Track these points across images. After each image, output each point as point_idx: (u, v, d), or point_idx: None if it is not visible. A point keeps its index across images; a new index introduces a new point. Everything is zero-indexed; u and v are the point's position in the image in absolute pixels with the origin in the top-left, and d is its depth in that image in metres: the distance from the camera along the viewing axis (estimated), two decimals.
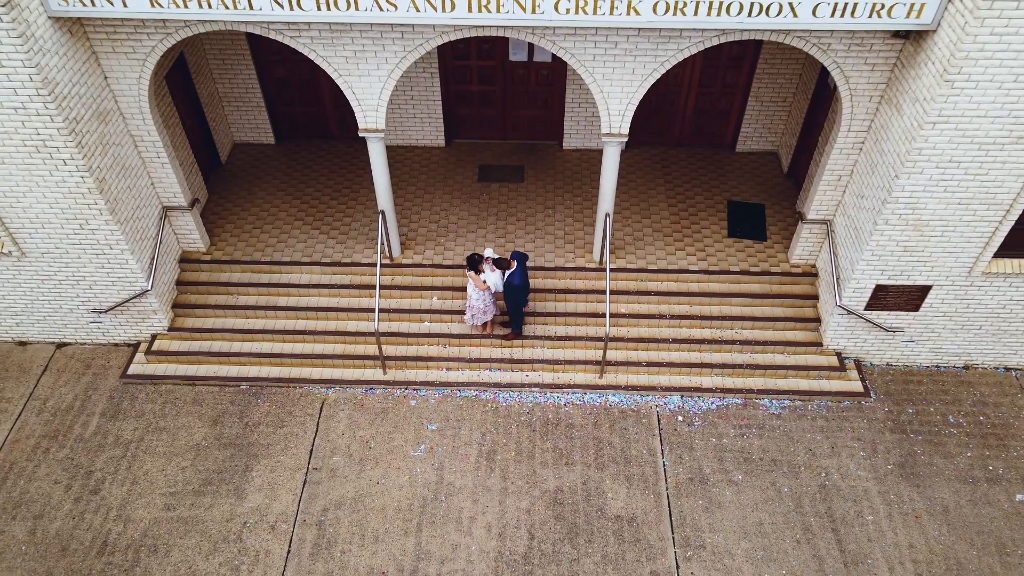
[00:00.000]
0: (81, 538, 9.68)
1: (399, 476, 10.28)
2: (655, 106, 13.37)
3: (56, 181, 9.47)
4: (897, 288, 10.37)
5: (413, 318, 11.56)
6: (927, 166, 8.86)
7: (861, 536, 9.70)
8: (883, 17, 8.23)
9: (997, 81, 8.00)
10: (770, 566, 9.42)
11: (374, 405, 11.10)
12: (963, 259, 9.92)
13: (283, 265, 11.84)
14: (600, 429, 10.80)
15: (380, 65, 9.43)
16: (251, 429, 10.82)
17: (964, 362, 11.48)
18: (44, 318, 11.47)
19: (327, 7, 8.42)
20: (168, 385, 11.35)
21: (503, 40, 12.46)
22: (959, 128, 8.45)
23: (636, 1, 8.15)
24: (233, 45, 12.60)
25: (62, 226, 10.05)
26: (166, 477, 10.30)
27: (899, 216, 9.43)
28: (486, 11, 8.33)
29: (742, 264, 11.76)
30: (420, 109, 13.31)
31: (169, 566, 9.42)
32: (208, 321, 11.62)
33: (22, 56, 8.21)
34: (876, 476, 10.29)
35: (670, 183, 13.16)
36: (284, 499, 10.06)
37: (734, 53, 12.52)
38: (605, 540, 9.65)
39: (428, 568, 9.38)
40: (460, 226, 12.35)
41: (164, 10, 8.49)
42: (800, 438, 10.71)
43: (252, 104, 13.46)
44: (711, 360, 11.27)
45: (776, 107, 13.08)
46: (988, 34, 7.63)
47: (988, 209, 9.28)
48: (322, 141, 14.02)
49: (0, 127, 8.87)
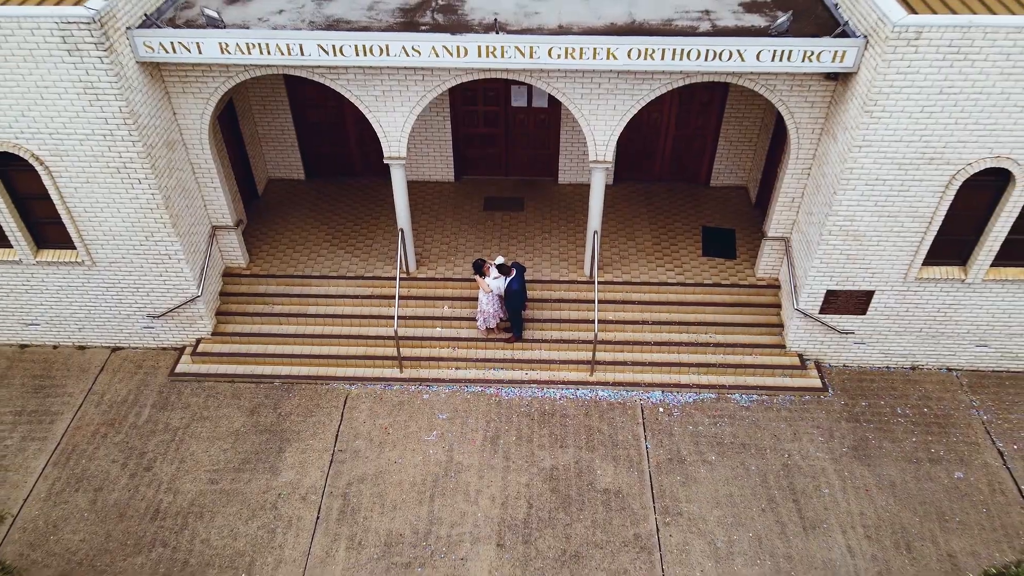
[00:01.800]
0: (136, 506, 11.08)
1: (414, 456, 11.73)
2: (638, 147, 15.30)
3: (130, 198, 11.27)
4: (845, 293, 12.03)
5: (427, 324, 13.19)
6: (858, 184, 10.65)
7: (818, 506, 11.08)
8: (815, 62, 10.18)
9: (907, 112, 9.86)
10: (739, 530, 10.78)
11: (392, 399, 12.61)
12: (898, 266, 11.62)
13: (313, 279, 13.55)
14: (591, 419, 12.29)
15: (404, 103, 11.35)
16: (283, 418, 12.31)
17: (911, 363, 13.03)
18: (103, 323, 13.09)
19: (363, 53, 10.38)
20: (211, 382, 12.90)
21: (505, 87, 14.48)
22: (880, 151, 10.28)
23: (614, 48, 10.11)
24: (274, 92, 14.62)
25: (130, 238, 11.80)
26: (210, 457, 11.75)
27: (840, 228, 11.18)
28: (492, 57, 10.28)
29: (715, 278, 13.45)
30: (433, 148, 15.25)
31: (214, 529, 10.79)
32: (247, 327, 13.25)
33: (115, 91, 10.12)
34: (832, 457, 11.73)
35: (652, 212, 14.98)
36: (313, 475, 11.48)
37: (704, 99, 14.52)
38: (595, 509, 11.04)
39: (440, 531, 10.75)
40: (468, 246, 14.09)
41: (231, 56, 10.45)
42: (766, 426, 12.18)
43: (287, 144, 15.42)
44: (688, 360, 12.84)
45: (743, 147, 15.02)
46: (895, 74, 9.53)
47: (913, 221, 11.03)
48: (346, 177, 15.92)
49: (90, 150, 10.72)
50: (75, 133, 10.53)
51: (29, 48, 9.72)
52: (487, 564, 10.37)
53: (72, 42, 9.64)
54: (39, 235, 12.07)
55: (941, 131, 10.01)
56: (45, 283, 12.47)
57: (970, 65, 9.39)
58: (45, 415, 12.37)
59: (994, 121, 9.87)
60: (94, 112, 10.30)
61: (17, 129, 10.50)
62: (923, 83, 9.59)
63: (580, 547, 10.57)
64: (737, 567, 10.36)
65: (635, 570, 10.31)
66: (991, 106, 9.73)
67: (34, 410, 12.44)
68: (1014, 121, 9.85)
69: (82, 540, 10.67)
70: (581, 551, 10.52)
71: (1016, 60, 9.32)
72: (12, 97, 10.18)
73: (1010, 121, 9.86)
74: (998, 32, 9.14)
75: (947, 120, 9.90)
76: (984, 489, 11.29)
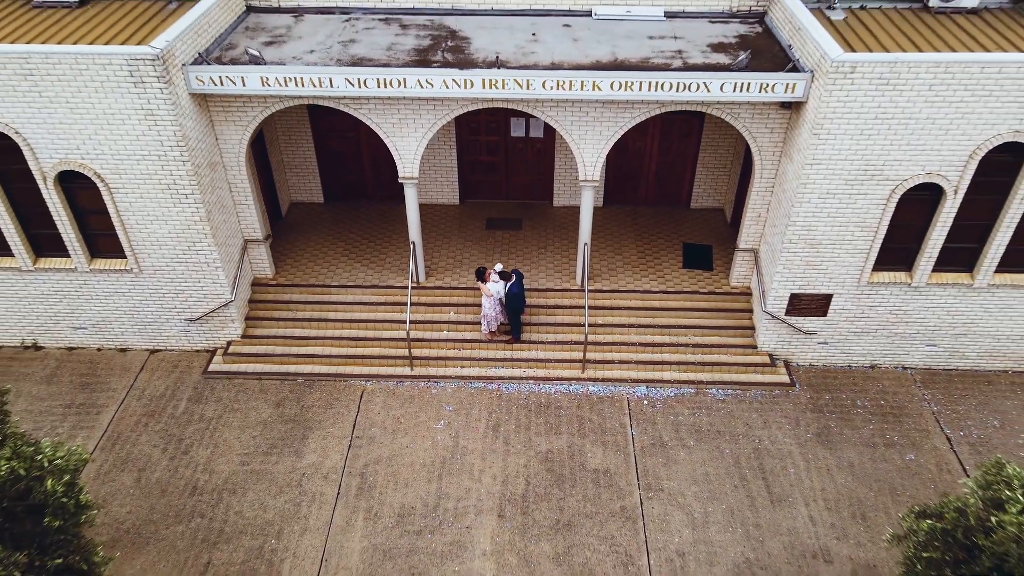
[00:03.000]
0: (176, 484, 12.41)
1: (424, 442, 13.10)
2: (625, 173, 17.00)
3: (177, 211, 12.88)
4: (807, 296, 13.57)
5: (435, 327, 14.68)
6: (812, 197, 12.27)
7: (785, 483, 12.43)
8: (770, 92, 11.90)
9: (849, 134, 11.54)
10: (713, 503, 12.11)
11: (403, 393, 14.03)
12: (852, 271, 13.17)
13: (332, 288, 15.08)
14: (582, 410, 13.69)
15: (417, 129, 13.05)
16: (306, 410, 13.71)
17: (870, 362, 14.48)
18: (144, 327, 14.57)
19: (383, 85, 12.10)
20: (240, 379, 14.32)
21: (505, 119, 16.23)
22: (829, 168, 11.93)
23: (599, 81, 11.84)
24: (298, 124, 16.37)
25: (174, 247, 13.37)
26: (240, 443, 13.12)
27: (799, 236, 12.77)
28: (494, 88, 12.01)
29: (693, 287, 15.00)
30: (441, 174, 16.94)
31: (246, 503, 12.12)
32: (273, 330, 14.73)
33: (171, 118, 11.81)
34: (798, 442, 13.11)
35: (638, 231, 16.59)
36: (333, 458, 12.84)
37: (683, 130, 16.27)
38: (585, 485, 12.38)
39: (447, 504, 12.08)
40: (472, 260, 15.66)
41: (270, 88, 12.17)
42: (740, 416, 13.58)
43: (309, 171, 17.12)
44: (670, 359, 14.29)
45: (719, 172, 16.72)
46: (836, 102, 11.24)
47: (862, 230, 12.63)
48: (361, 201, 17.58)
49: (145, 169, 12.37)
50: (134, 154, 12.19)
51: (100, 80, 11.43)
52: (489, 531, 11.68)
53: (138, 75, 11.35)
54: (93, 246, 13.64)
55: (879, 151, 11.67)
56: (96, 289, 13.99)
57: (899, 94, 11.10)
58: (92, 407, 13.77)
59: (923, 142, 11.55)
60: (152, 136, 11.98)
61: (84, 150, 12.16)
62: (860, 109, 11.29)
63: (572, 517, 11.89)
64: (711, 534, 11.67)
65: (621, 536, 11.61)
66: (920, 129, 11.42)
67: (82, 403, 13.84)
68: (940, 142, 11.53)
69: (128, 512, 11.98)
70: (573, 520, 11.84)
71: (937, 90, 11.03)
72: (81, 122, 11.86)
73: (937, 142, 11.53)
74: (920, 66, 10.87)
75: (883, 141, 11.57)
76: (932, 469, 12.65)
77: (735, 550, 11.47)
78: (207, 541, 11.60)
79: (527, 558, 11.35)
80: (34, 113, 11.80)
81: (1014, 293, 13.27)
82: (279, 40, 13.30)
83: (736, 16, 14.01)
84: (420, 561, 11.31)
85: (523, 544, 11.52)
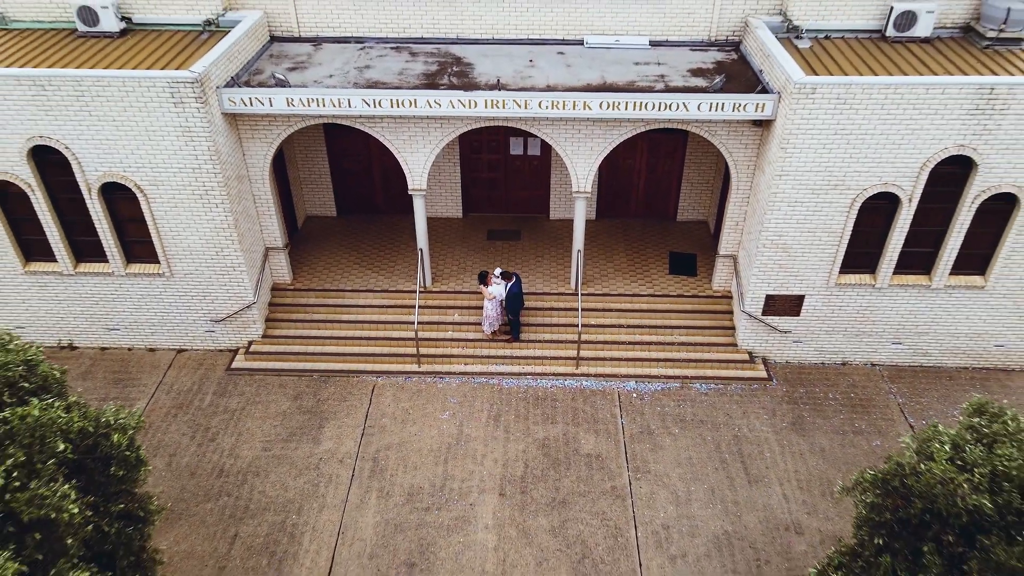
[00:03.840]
0: (204, 467, 13.56)
1: (430, 430, 14.27)
2: (616, 189, 18.37)
3: (208, 219, 14.19)
4: (781, 297, 14.84)
5: (440, 328, 15.92)
6: (782, 205, 13.61)
7: (761, 465, 13.59)
8: (742, 111, 13.30)
9: (812, 148, 12.92)
10: (695, 483, 13.26)
11: (411, 388, 15.22)
12: (821, 273, 14.47)
13: (345, 292, 16.35)
14: (576, 402, 14.88)
15: (425, 145, 14.43)
16: (322, 403, 14.89)
17: (841, 359, 15.71)
18: (172, 328, 15.79)
19: (396, 106, 13.50)
20: (261, 375, 15.52)
21: (505, 138, 17.63)
22: (796, 179, 13.28)
23: (589, 101, 13.25)
24: (314, 144, 17.77)
25: (204, 252, 14.66)
26: (262, 431, 14.28)
27: (771, 241, 14.08)
28: (495, 108, 13.40)
29: (679, 291, 16.28)
30: (446, 190, 18.31)
31: (268, 483, 13.26)
32: (291, 331, 15.97)
33: (206, 134, 13.18)
34: (774, 430, 14.29)
35: (628, 242, 17.92)
36: (348, 444, 14.00)
37: (669, 149, 17.67)
38: (579, 468, 13.54)
39: (452, 485, 13.23)
40: (475, 267, 16.96)
41: (295, 108, 13.57)
42: (721, 407, 14.78)
43: (323, 186, 18.49)
44: (657, 356, 15.52)
45: (702, 188, 18.10)
46: (800, 119, 12.63)
47: (828, 236, 13.95)
48: (371, 214, 18.92)
49: (180, 181, 13.71)
50: (171, 167, 13.54)
51: (144, 101, 12.82)
52: (491, 508, 12.82)
53: (178, 96, 12.75)
54: (129, 251, 14.93)
55: (840, 163, 13.04)
56: (130, 292, 15.24)
57: (855, 112, 12.49)
58: (125, 400, 14.95)
59: (879, 155, 12.92)
60: (188, 150, 13.33)
61: (126, 163, 13.51)
62: (822, 126, 12.68)
63: (567, 496, 13.04)
64: (693, 510, 12.82)
65: (611, 512, 12.76)
66: (875, 143, 12.80)
67: (115, 397, 15.03)
68: (894, 155, 12.90)
69: (161, 492, 13.11)
70: (568, 498, 12.99)
71: (889, 109, 12.43)
72: (125, 138, 13.23)
73: (891, 155, 12.90)
74: (873, 88, 12.28)
75: (843, 154, 12.95)
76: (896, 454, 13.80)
77: (715, 524, 12.61)
78: (234, 517, 12.73)
79: (526, 531, 12.48)
80: (83, 130, 13.16)
81: (969, 294, 14.55)
82: (301, 66, 14.73)
83: (714, 45, 15.48)
84: (428, 534, 12.43)
85: (522, 519, 12.66)
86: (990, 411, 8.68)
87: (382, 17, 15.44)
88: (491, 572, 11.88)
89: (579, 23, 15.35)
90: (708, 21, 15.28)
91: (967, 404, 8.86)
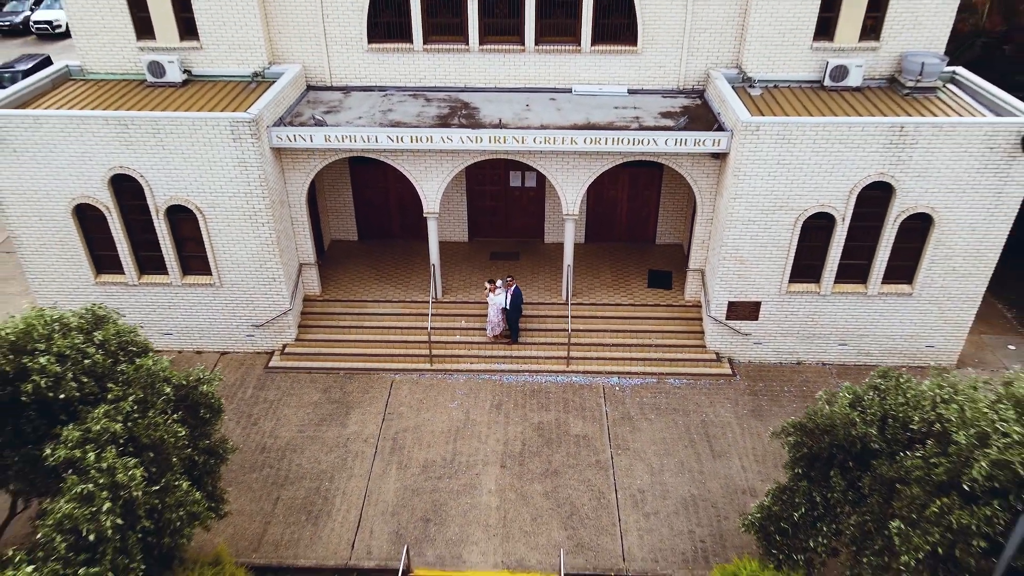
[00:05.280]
0: (249, 445, 15.91)
1: (441, 416, 16.65)
2: (602, 217, 21.07)
3: (254, 237, 16.82)
4: (741, 303, 17.38)
5: (449, 332, 18.42)
6: (738, 223, 16.26)
7: (724, 444, 15.94)
8: (702, 145, 16.06)
9: (759, 175, 15.63)
10: (667, 458, 15.60)
11: (424, 383, 17.64)
12: (774, 282, 17.03)
13: (367, 302, 18.90)
14: (567, 394, 17.29)
15: (438, 175, 17.17)
16: (348, 395, 17.30)
17: (796, 359, 18.16)
18: (216, 333, 18.28)
19: (415, 141, 16.27)
20: (294, 373, 17.95)
21: (505, 172, 20.40)
22: (748, 202, 15.96)
23: (575, 137, 16.03)
24: (340, 178, 20.53)
25: (249, 266, 17.25)
26: (297, 417, 16.66)
27: (730, 255, 16.69)
28: (497, 143, 16.18)
29: (656, 301, 18.84)
30: (454, 217, 21.01)
31: (304, 458, 15.60)
32: (320, 335, 18.47)
33: (257, 165, 15.91)
34: (736, 416, 16.67)
35: (612, 261, 20.55)
36: (371, 427, 16.37)
37: (647, 181, 20.42)
38: (568, 446, 15.88)
39: (460, 459, 15.56)
40: (479, 282, 19.53)
41: (331, 143, 16.34)
42: (691, 398, 17.18)
43: (347, 215, 21.20)
44: (636, 356, 17.98)
45: (677, 214, 20.81)
46: (748, 152, 15.37)
47: (778, 250, 16.57)
48: (388, 239, 21.59)
49: (234, 204, 16.38)
50: (226, 192, 16.23)
51: (208, 137, 15.58)
52: (494, 477, 15.14)
53: (236, 134, 15.51)
54: (185, 265, 17.52)
55: (783, 188, 15.74)
56: (184, 301, 17.78)
57: (792, 146, 15.24)
58: None
59: (815, 181, 15.63)
60: (242, 178, 16.04)
61: (190, 189, 16.21)
62: (767, 157, 15.41)
63: (558, 467, 15.37)
64: (665, 478, 15.14)
65: (595, 480, 15.07)
66: (811, 171, 15.52)
67: None
68: (827, 181, 15.61)
69: None
70: (559, 469, 15.32)
71: (820, 143, 15.18)
72: (190, 168, 15.95)
73: (825, 181, 15.61)
74: (806, 126, 15.05)
75: (786, 181, 15.65)
76: None
77: (683, 489, 14.92)
78: (276, 483, 15.04)
79: (523, 494, 14.78)
80: (156, 161, 15.89)
81: (899, 300, 17.11)
82: (334, 110, 17.55)
83: (682, 92, 18.35)
84: (440, 497, 14.74)
85: (520, 485, 14.97)
86: (890, 375, 11.16)
87: (401, 69, 18.34)
88: (494, 526, 14.17)
89: (568, 75, 18.26)
90: (677, 73, 18.18)
91: (874, 372, 11.34)
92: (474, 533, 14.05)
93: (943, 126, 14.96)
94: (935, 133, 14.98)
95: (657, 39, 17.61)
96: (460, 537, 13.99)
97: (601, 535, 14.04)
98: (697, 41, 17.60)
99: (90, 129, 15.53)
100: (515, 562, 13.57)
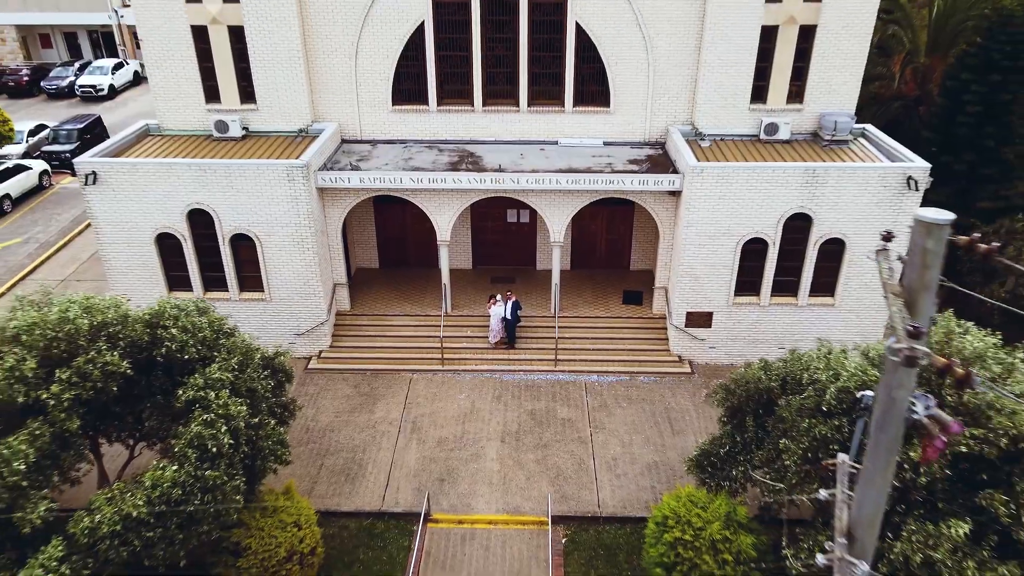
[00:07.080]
0: (295, 428, 19.50)
1: (452, 405, 20.33)
2: (584, 247, 25.09)
3: (299, 258, 20.76)
4: (697, 313, 21.25)
5: (457, 340, 22.22)
6: (690, 247, 20.26)
7: (682, 425, 19.61)
8: (660, 185, 20.20)
9: (706, 208, 19.70)
10: (636, 435, 19.25)
11: (437, 380, 21.35)
12: (723, 295, 20.95)
13: (389, 316, 22.76)
14: (555, 388, 21.01)
15: (450, 209, 21.24)
16: (374, 389, 20.99)
17: (745, 361, 21.91)
18: (265, 340, 21.93)
19: (431, 182, 20.38)
20: (329, 373, 21.66)
21: (504, 210, 24.48)
22: (698, 229, 20.00)
23: (560, 179, 20.16)
24: (366, 215, 24.60)
25: (295, 284, 21.13)
26: (333, 406, 20.32)
27: (686, 272, 20.64)
28: (498, 183, 20.31)
29: (629, 314, 22.73)
30: (461, 248, 25.02)
31: (341, 436, 19.22)
32: (351, 343, 22.26)
33: (306, 201, 19.97)
34: (694, 404, 20.37)
35: (593, 284, 24.49)
36: (394, 413, 20.03)
37: (622, 216, 24.51)
38: (556, 426, 19.54)
39: (468, 436, 19.20)
40: (482, 299, 23.42)
41: (363, 183, 20.45)
42: (657, 391, 20.90)
43: (370, 246, 25.20)
44: (613, 358, 21.75)
45: (647, 244, 24.84)
46: (696, 190, 19.48)
47: (724, 268, 20.54)
48: (405, 267, 25.55)
49: (285, 233, 20.37)
50: (280, 223, 20.23)
51: (268, 179, 19.66)
52: (495, 448, 18.77)
53: (291, 176, 19.60)
54: (242, 283, 21.40)
55: (725, 218, 19.80)
56: (240, 313, 21.55)
57: (730, 185, 19.36)
58: None
59: (750, 212, 19.70)
60: (293, 212, 20.07)
61: (251, 220, 20.21)
62: (710, 194, 19.51)
63: (548, 442, 19.01)
64: (634, 450, 18.77)
65: (577, 451, 18.71)
66: (746, 205, 19.61)
67: None
68: (759, 213, 19.68)
69: None
70: (548, 443, 18.95)
71: (752, 183, 19.30)
72: (251, 204, 19.98)
73: (757, 213, 19.69)
74: (740, 170, 19.20)
75: (727, 212, 19.72)
76: None
77: (648, 457, 18.55)
78: (319, 454, 18.64)
79: (519, 461, 18.39)
80: (225, 198, 19.93)
81: (825, 310, 21.01)
82: (364, 159, 21.71)
83: (647, 144, 22.58)
84: (452, 464, 18.34)
85: (516, 455, 18.59)
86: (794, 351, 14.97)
87: (419, 126, 22.57)
88: (496, 484, 17.75)
89: (554, 130, 22.51)
90: (643, 129, 22.44)
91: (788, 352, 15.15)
92: (480, 488, 17.63)
93: (846, 169, 19.14)
94: (840, 175, 19.15)
95: (626, 102, 21.94)
96: (469, 491, 17.56)
97: (581, 490, 17.63)
98: (658, 104, 21.93)
99: (175, 173, 19.63)
100: (512, 508, 17.12)
